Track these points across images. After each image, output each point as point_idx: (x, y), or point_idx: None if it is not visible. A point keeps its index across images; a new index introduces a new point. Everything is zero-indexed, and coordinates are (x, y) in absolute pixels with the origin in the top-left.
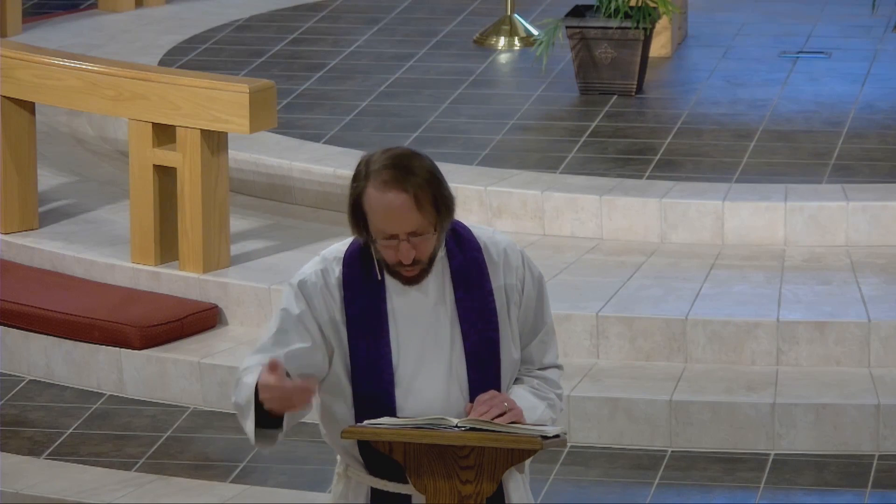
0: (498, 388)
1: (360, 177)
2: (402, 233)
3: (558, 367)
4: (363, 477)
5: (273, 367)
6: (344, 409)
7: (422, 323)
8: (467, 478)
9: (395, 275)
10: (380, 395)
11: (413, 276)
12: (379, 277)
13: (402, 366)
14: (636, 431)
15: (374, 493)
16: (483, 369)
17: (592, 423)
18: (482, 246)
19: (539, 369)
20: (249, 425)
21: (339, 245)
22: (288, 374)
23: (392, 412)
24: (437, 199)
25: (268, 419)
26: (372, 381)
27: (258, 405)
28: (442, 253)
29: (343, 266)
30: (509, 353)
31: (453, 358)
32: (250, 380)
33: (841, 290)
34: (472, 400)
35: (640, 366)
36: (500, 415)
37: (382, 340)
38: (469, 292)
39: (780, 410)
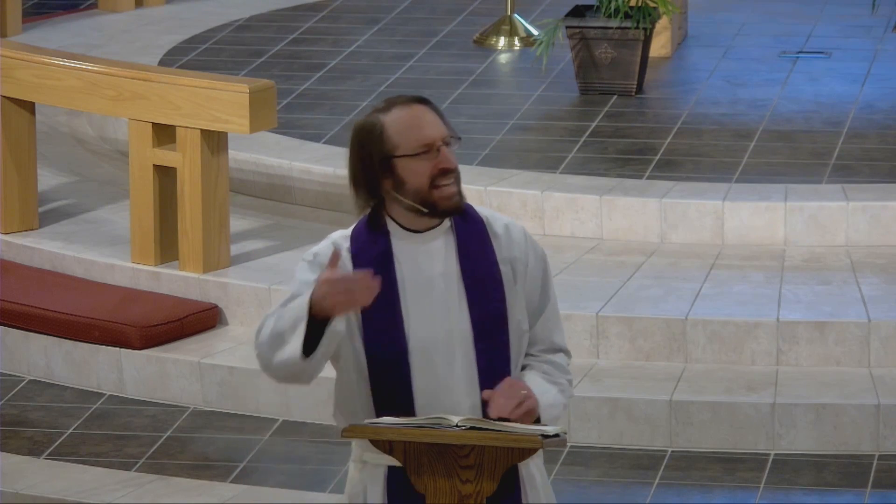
0: (507, 359)
1: (367, 126)
2: (438, 138)
3: (566, 351)
4: (381, 458)
5: (335, 260)
6: (357, 381)
7: (430, 294)
8: (467, 477)
9: (433, 206)
10: (395, 364)
11: (455, 192)
12: (382, 242)
13: (413, 335)
14: (636, 431)
15: (392, 473)
16: (490, 339)
17: (592, 423)
18: (484, 219)
19: (546, 351)
20: (297, 341)
21: (345, 229)
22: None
23: (408, 382)
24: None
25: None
26: (387, 351)
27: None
28: (448, 224)
29: (351, 242)
30: (518, 324)
31: (461, 328)
32: (300, 301)
33: (841, 290)
34: (481, 371)
35: (640, 366)
36: (519, 404)
37: (394, 310)
38: (474, 262)
39: (780, 410)
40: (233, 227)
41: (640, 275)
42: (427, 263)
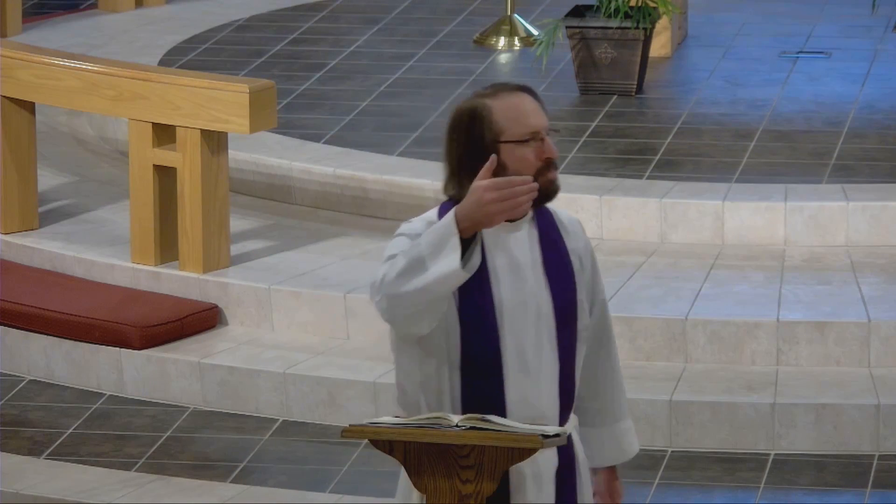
0: (577, 349)
1: (473, 110)
2: (543, 127)
3: (613, 345)
4: None
5: (493, 164)
6: (447, 371)
7: (518, 280)
8: (467, 477)
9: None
10: (486, 348)
11: (554, 182)
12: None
13: (506, 321)
14: (636, 431)
15: None
16: (568, 329)
17: None
18: (552, 211)
19: (600, 347)
20: (453, 255)
21: (429, 213)
22: None
23: (500, 374)
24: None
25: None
26: (480, 334)
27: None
28: (531, 214)
29: None
30: (585, 314)
31: (547, 316)
32: (438, 224)
33: (841, 290)
34: (561, 359)
35: (640, 366)
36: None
37: (486, 296)
38: (553, 252)
39: (780, 410)
40: (233, 227)
41: (640, 275)
42: (516, 251)
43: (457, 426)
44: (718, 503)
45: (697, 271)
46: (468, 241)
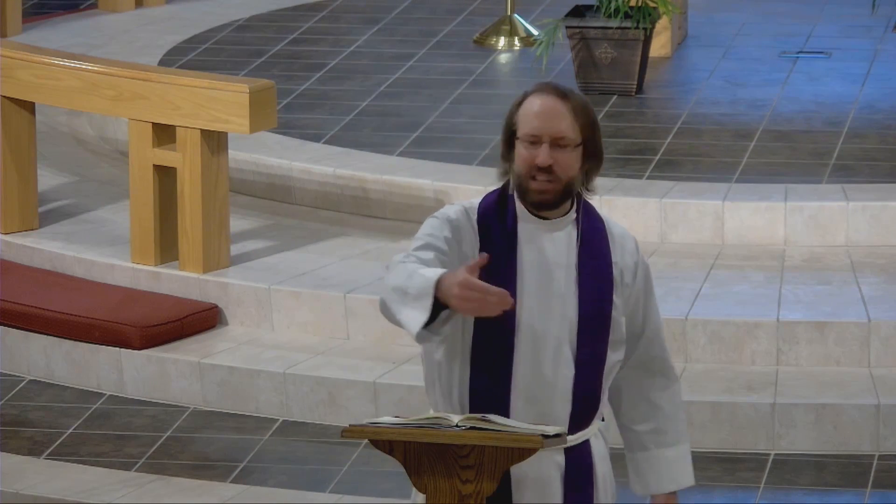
0: (603, 360)
1: (520, 97)
2: (548, 135)
3: (673, 375)
4: None
5: (481, 264)
6: (460, 354)
7: (546, 278)
8: (467, 477)
9: (525, 194)
10: (500, 343)
11: (545, 191)
12: (509, 222)
13: (524, 316)
14: None
15: None
16: (593, 337)
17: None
18: (605, 221)
19: (649, 374)
20: (419, 317)
21: (475, 199)
22: None
23: (510, 362)
24: (591, 128)
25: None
26: (495, 329)
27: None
28: (574, 215)
29: (478, 214)
30: (619, 328)
31: (570, 321)
32: (430, 273)
33: (841, 290)
34: (578, 366)
35: None
36: None
37: (511, 289)
38: (592, 259)
39: (780, 410)
40: (233, 227)
41: None
42: (550, 250)
43: (457, 426)
44: (718, 503)
45: (697, 271)
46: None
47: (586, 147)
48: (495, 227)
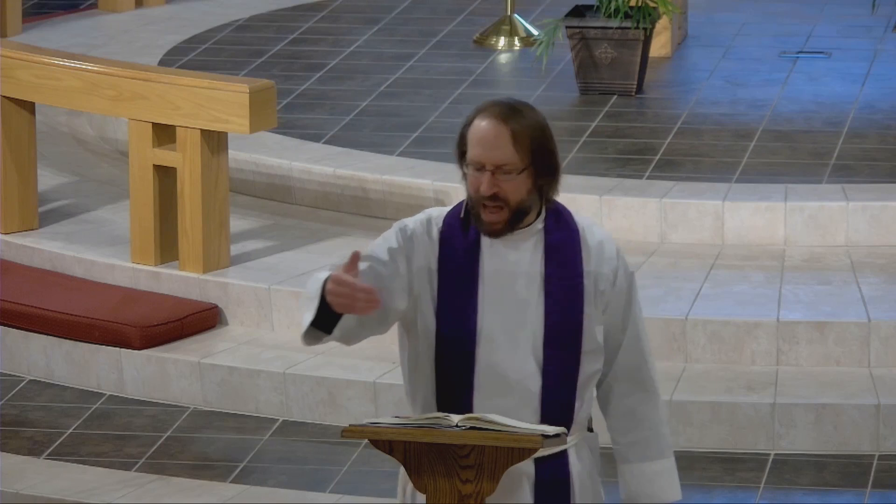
0: (575, 370)
1: (473, 111)
2: (490, 163)
3: (654, 390)
4: None
5: (354, 261)
6: (425, 361)
7: (508, 289)
8: (467, 477)
9: (478, 220)
10: (462, 351)
11: (494, 222)
12: (462, 217)
13: (484, 327)
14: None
15: None
16: (562, 350)
17: (593, 423)
18: (580, 229)
19: (631, 389)
20: (308, 317)
21: (447, 207)
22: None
23: (471, 371)
24: (537, 147)
25: (324, 320)
26: (455, 337)
27: (322, 299)
28: (540, 225)
29: (444, 223)
30: (593, 339)
31: (533, 330)
32: (323, 274)
33: (841, 290)
34: (546, 376)
35: None
36: None
37: (470, 300)
38: (560, 269)
39: (780, 410)
40: (233, 227)
41: (640, 275)
42: (513, 261)
43: (457, 426)
44: (718, 503)
45: (697, 271)
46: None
47: (535, 167)
48: (458, 236)
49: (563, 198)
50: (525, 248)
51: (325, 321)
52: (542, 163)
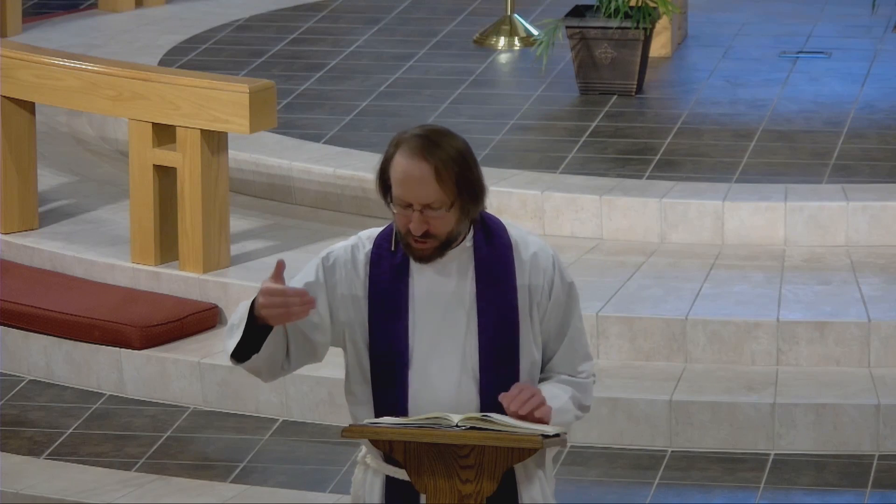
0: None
1: (392, 144)
2: (417, 203)
3: (594, 376)
4: (379, 464)
5: (279, 271)
6: (363, 385)
7: (439, 310)
8: (467, 477)
9: (407, 248)
10: (394, 374)
11: (424, 251)
12: (393, 250)
13: (416, 349)
14: (636, 431)
15: (389, 481)
16: (498, 366)
17: (592, 423)
18: (513, 243)
19: (568, 375)
20: (234, 339)
21: (379, 228)
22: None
23: (404, 394)
24: (462, 179)
25: (249, 342)
26: (387, 361)
27: (250, 319)
28: (469, 243)
29: (374, 245)
30: (530, 353)
31: (467, 349)
32: (247, 301)
33: (841, 290)
34: (483, 395)
35: (639, 366)
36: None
37: (400, 322)
38: (491, 286)
39: (780, 410)
40: (233, 227)
41: (640, 275)
42: (443, 281)
43: (457, 426)
44: (718, 503)
45: (697, 271)
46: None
47: (461, 198)
48: (386, 258)
49: (563, 198)
50: (454, 267)
51: (251, 343)
52: (467, 192)
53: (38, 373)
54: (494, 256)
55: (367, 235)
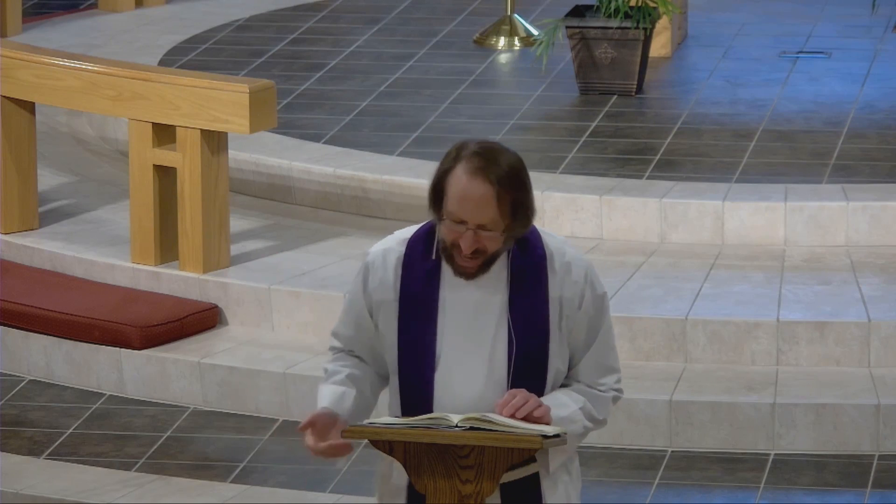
0: (541, 396)
1: (451, 157)
2: (472, 223)
3: (617, 391)
4: (402, 479)
5: (312, 423)
6: (395, 383)
7: (469, 317)
8: (467, 477)
9: (450, 259)
10: (420, 379)
11: (469, 268)
12: (434, 258)
13: (444, 355)
14: (636, 431)
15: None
16: (527, 377)
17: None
18: (547, 254)
19: (589, 386)
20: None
21: (414, 227)
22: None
23: (430, 398)
24: (516, 202)
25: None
26: (414, 364)
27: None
28: (504, 254)
29: (407, 247)
30: (556, 365)
31: (494, 358)
32: (320, 395)
33: (841, 290)
34: None
35: (640, 366)
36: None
37: (429, 326)
38: (524, 297)
39: (780, 410)
40: (233, 227)
41: (640, 275)
42: (476, 289)
43: (457, 426)
44: (718, 503)
45: (697, 271)
46: None
47: (514, 221)
48: (419, 264)
49: (563, 198)
50: (488, 275)
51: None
52: (520, 216)
53: (38, 373)
54: (528, 267)
55: (400, 238)
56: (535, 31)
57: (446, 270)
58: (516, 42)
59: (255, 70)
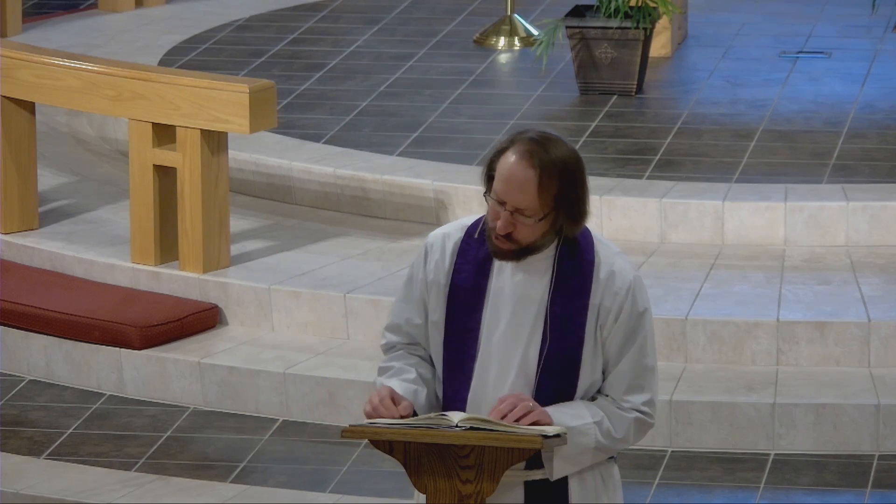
0: (571, 399)
1: (507, 139)
2: (511, 204)
3: (643, 413)
4: None
5: (388, 399)
6: (439, 363)
7: (508, 311)
8: (467, 477)
9: (488, 238)
10: (462, 365)
11: (502, 249)
12: (476, 237)
13: (483, 346)
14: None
15: None
16: (557, 378)
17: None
18: (596, 262)
19: (614, 402)
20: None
21: (477, 216)
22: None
23: (467, 386)
24: (562, 195)
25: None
26: (458, 353)
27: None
28: (552, 252)
29: (465, 234)
30: (589, 372)
31: (528, 354)
32: (381, 382)
33: (841, 290)
34: (536, 400)
35: None
36: (523, 415)
37: (475, 315)
38: (564, 300)
39: (780, 410)
40: (233, 227)
41: (640, 275)
42: (521, 283)
43: (457, 426)
44: (718, 503)
45: (697, 271)
46: None
47: (558, 212)
48: (472, 252)
49: None
50: (534, 271)
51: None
52: (565, 210)
53: (38, 373)
54: (574, 271)
55: (462, 224)
56: (535, 31)
57: (497, 263)
58: (516, 42)
59: (255, 70)
